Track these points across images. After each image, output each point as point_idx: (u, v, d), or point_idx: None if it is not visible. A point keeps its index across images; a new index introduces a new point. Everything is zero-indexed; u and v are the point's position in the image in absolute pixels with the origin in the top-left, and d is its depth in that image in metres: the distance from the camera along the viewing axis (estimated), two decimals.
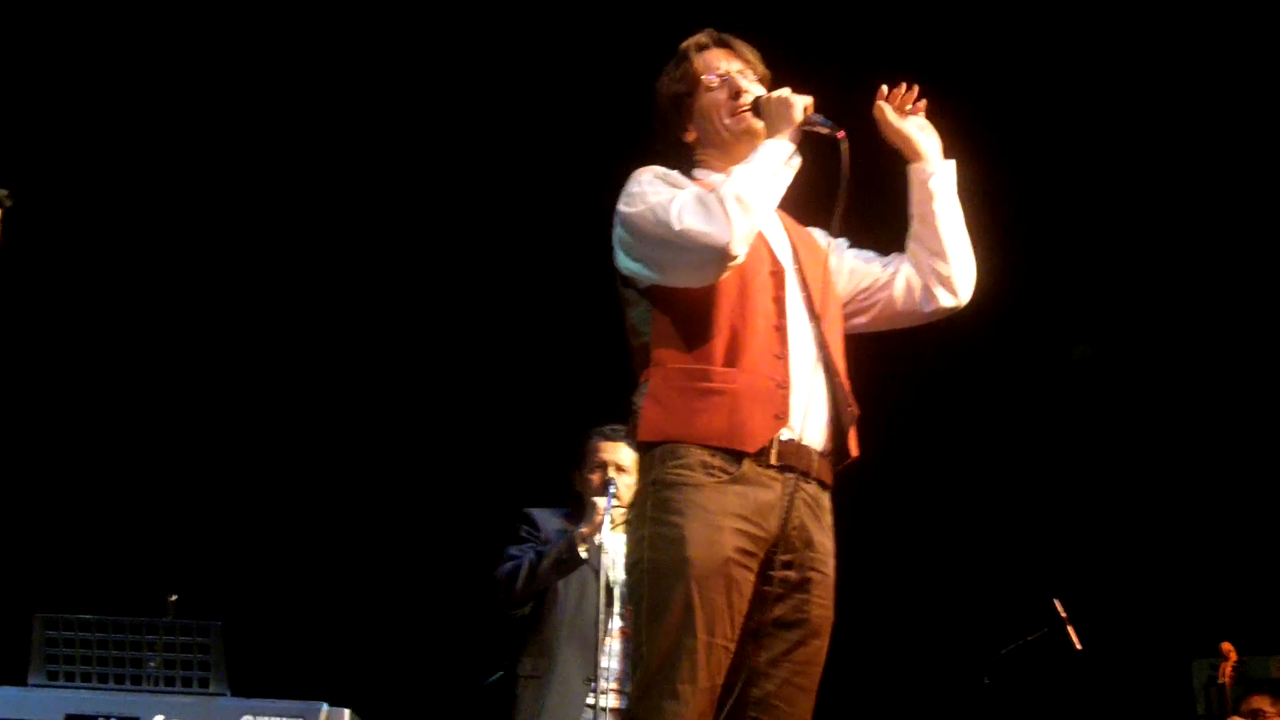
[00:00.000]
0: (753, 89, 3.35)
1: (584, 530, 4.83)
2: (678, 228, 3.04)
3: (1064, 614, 6.16)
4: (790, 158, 3.20)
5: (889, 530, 7.80)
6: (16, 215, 3.38)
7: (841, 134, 3.20)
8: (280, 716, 3.89)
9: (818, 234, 3.44)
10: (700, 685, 2.95)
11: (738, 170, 3.14)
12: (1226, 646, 6.03)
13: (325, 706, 3.92)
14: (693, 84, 3.37)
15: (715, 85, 3.35)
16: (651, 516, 3.05)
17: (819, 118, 3.24)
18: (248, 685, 4.09)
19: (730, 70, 3.37)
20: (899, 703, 7.63)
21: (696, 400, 3.08)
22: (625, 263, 3.21)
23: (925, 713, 7.41)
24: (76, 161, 6.81)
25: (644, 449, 3.14)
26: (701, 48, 3.42)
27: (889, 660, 7.64)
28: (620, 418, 5.05)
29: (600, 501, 4.84)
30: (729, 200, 3.03)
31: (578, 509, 5.04)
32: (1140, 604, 7.54)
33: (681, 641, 2.95)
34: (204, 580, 5.80)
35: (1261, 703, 5.97)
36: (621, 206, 3.20)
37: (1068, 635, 6.12)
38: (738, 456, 3.05)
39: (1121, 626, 7.25)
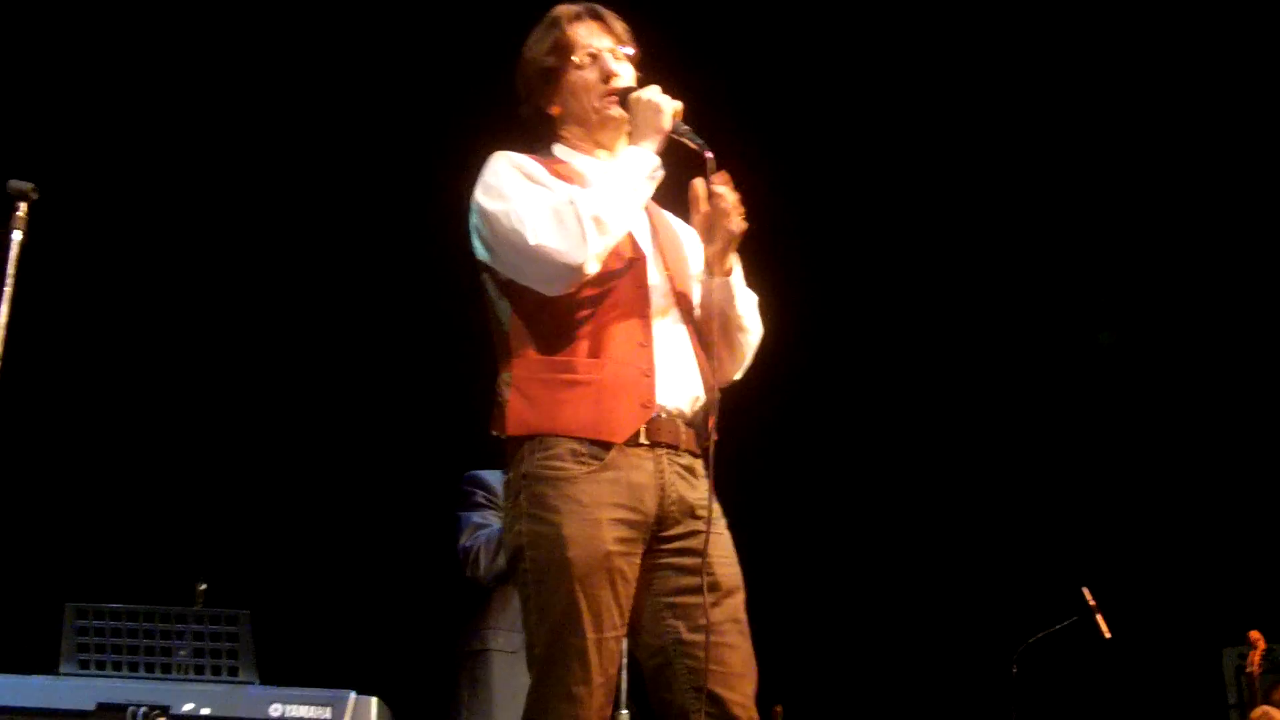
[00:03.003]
0: (622, 71, 3.23)
1: None
2: (532, 242, 2.96)
3: (1093, 602, 6.13)
4: (655, 171, 3.11)
5: (920, 521, 7.80)
6: (41, 209, 3.40)
7: (709, 154, 3.12)
8: (308, 704, 3.88)
9: (674, 220, 3.37)
10: (595, 683, 2.94)
11: (599, 182, 3.04)
12: (1254, 635, 5.96)
13: (353, 695, 3.91)
14: (563, 57, 3.24)
15: (586, 64, 3.23)
16: (528, 513, 2.99)
17: (687, 129, 3.14)
18: (276, 673, 4.10)
19: (601, 48, 3.24)
20: (929, 691, 7.62)
21: (561, 392, 3.02)
22: (482, 253, 3.12)
23: (955, 701, 7.40)
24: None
25: (511, 443, 3.07)
26: (575, 18, 3.27)
27: (920, 649, 7.64)
28: None
29: None
30: (586, 220, 2.95)
31: None
32: (1170, 591, 7.51)
33: (570, 642, 2.93)
34: (232, 568, 5.81)
35: None
36: (479, 196, 3.10)
37: (1096, 624, 6.09)
38: (606, 445, 3.00)
39: (1151, 614, 7.22)
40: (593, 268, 2.98)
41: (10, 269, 3.40)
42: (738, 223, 3.18)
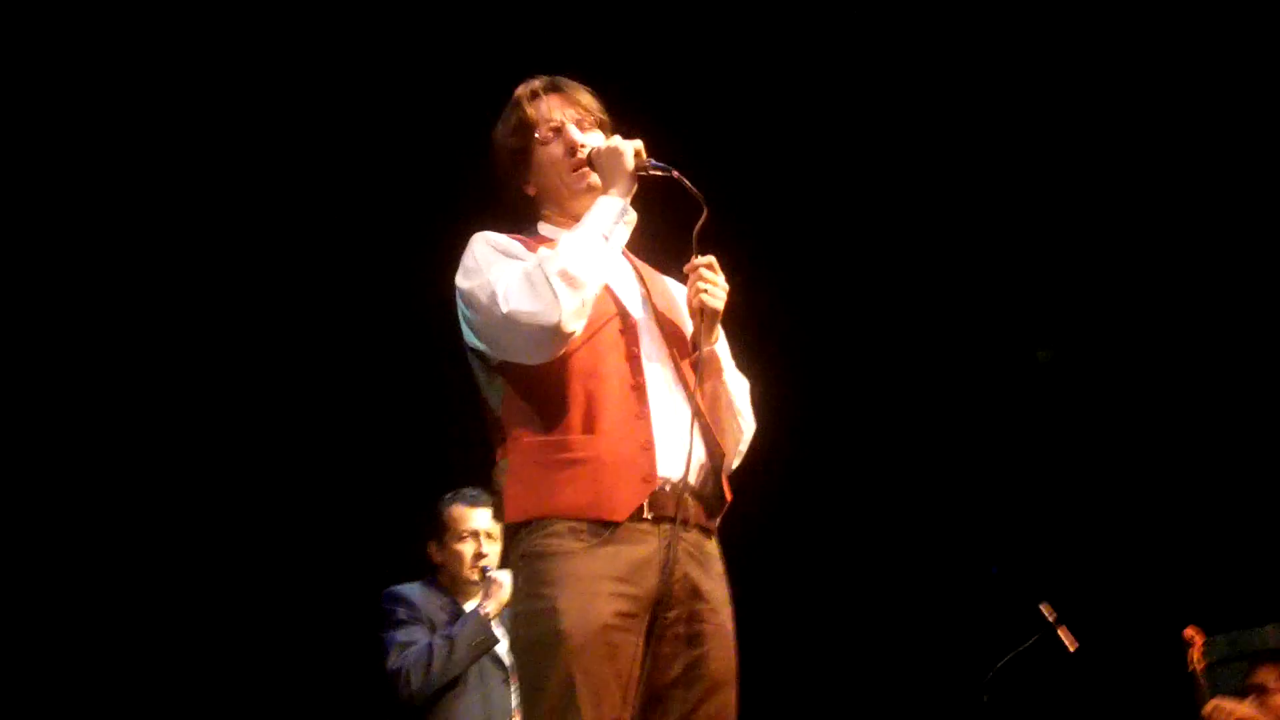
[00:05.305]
0: (588, 140, 3.22)
1: (492, 610, 4.73)
2: (504, 310, 2.92)
3: (1052, 617, 6.03)
4: (624, 214, 3.08)
5: (869, 558, 7.74)
6: None
7: (675, 173, 3.10)
8: None
9: (671, 283, 3.34)
10: None
11: (565, 239, 3.02)
12: (1189, 632, 5.77)
13: None
14: (527, 137, 3.24)
15: (550, 139, 3.23)
16: (525, 592, 2.91)
17: (650, 162, 3.12)
18: None
19: (565, 120, 3.24)
20: None
21: (557, 473, 2.93)
22: (469, 336, 3.09)
23: None
24: None
25: (509, 529, 3.01)
26: (534, 95, 3.28)
27: (885, 690, 7.55)
28: (459, 482, 5.00)
29: (501, 576, 4.72)
30: (554, 277, 2.90)
31: (450, 581, 4.96)
32: (1132, 593, 7.44)
33: None
34: None
35: (1266, 676, 5.71)
36: (459, 280, 3.09)
37: (1059, 638, 5.99)
38: (607, 523, 2.90)
39: (1116, 618, 7.15)
40: (571, 326, 2.92)
41: None
42: (713, 301, 3.13)
